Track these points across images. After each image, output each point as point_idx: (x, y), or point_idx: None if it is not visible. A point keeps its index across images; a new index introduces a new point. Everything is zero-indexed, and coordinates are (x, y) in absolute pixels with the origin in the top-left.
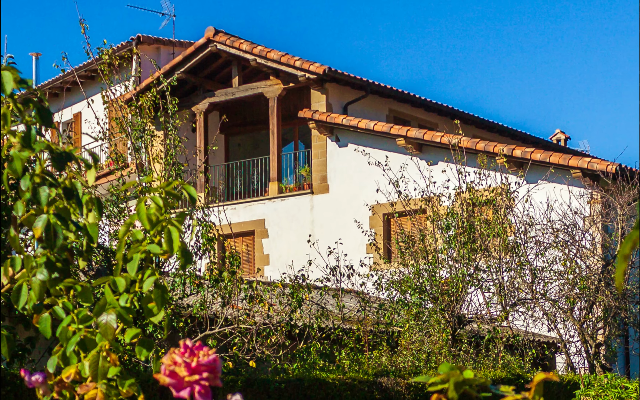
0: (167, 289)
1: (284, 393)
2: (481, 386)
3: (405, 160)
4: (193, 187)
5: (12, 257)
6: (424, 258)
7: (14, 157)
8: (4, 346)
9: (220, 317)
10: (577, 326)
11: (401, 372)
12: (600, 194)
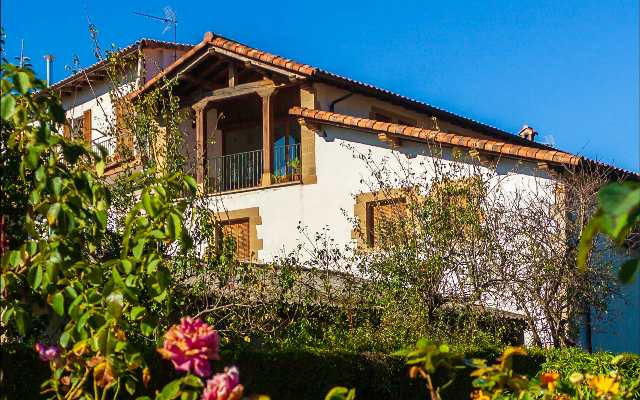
0: (169, 271)
1: (276, 366)
2: (456, 359)
3: (386, 153)
4: (193, 178)
5: (28, 241)
6: (403, 243)
7: (29, 150)
8: (20, 323)
9: (218, 296)
10: (543, 305)
11: (383, 346)
12: (564, 184)
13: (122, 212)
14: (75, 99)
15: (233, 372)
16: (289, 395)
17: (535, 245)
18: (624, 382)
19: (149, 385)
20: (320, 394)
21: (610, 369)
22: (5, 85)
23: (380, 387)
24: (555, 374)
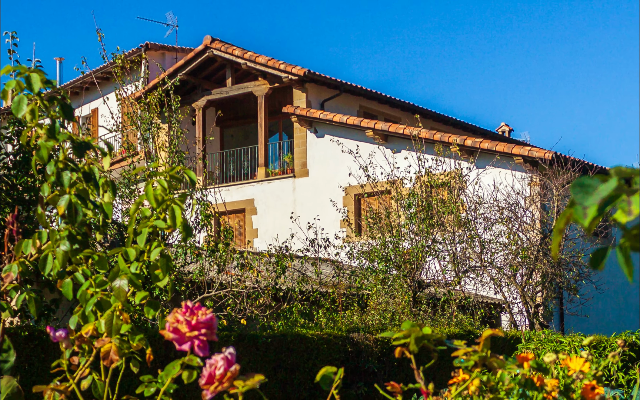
0: (171, 258)
1: (270, 346)
2: (438, 340)
3: (373, 149)
4: (193, 171)
5: (40, 230)
6: (389, 232)
7: (41, 146)
8: (32, 307)
9: (216, 282)
10: (519, 290)
11: (370, 328)
12: (539, 177)
13: (127, 204)
14: (83, 98)
15: (230, 353)
16: (282, 374)
17: (511, 234)
18: (594, 362)
19: (152, 365)
20: (312, 372)
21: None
22: (18, 85)
23: (368, 366)
24: (531, 354)
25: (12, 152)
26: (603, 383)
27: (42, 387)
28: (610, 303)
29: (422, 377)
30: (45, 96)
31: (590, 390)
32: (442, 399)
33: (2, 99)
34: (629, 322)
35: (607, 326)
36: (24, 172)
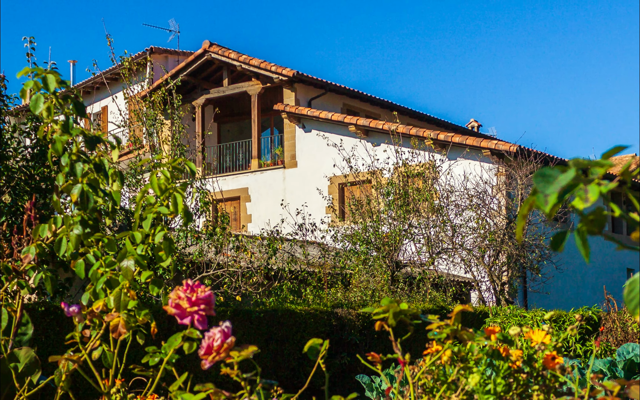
0: (173, 241)
1: (263, 321)
2: (413, 315)
3: (355, 142)
4: (193, 163)
5: (55, 216)
6: (369, 217)
7: (56, 140)
8: (48, 285)
9: (214, 262)
10: (486, 269)
11: (352, 304)
12: (505, 168)
13: (134, 192)
14: (94, 96)
15: (226, 326)
16: (273, 346)
17: (480, 219)
18: (555, 335)
19: (156, 337)
20: (300, 344)
21: (543, 324)
22: (36, 85)
23: (350, 339)
24: (497, 327)
25: (30, 146)
26: (562, 353)
27: (57, 357)
28: (568, 281)
29: (400, 348)
30: (60, 95)
31: (551, 360)
32: (418, 368)
33: (21, 98)
34: (585, 298)
35: (566, 302)
36: (40, 164)
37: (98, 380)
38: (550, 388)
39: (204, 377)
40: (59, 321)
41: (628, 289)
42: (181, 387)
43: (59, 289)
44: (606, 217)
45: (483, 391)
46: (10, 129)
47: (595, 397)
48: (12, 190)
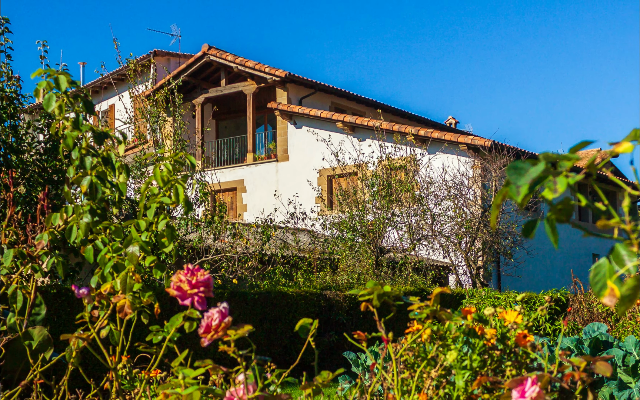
0: (174, 229)
1: (257, 302)
2: (396, 297)
3: (342, 138)
4: (193, 157)
5: (66, 206)
6: (355, 207)
7: (67, 135)
8: (60, 268)
9: (212, 248)
10: (463, 255)
11: (340, 287)
12: (480, 161)
13: (138, 183)
14: (102, 95)
15: (224, 307)
16: (267, 325)
17: (457, 208)
18: (526, 315)
19: (159, 317)
20: (292, 323)
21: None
22: (48, 85)
23: (338, 318)
24: (473, 308)
25: (43, 141)
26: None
27: (68, 335)
28: (539, 266)
29: (383, 327)
30: (71, 94)
31: (522, 338)
32: (400, 346)
33: (35, 96)
34: (554, 281)
35: (536, 285)
36: (53, 157)
37: (106, 356)
38: (522, 364)
39: (203, 353)
40: (70, 302)
41: (594, 273)
42: (182, 363)
43: (69, 272)
44: (573, 206)
45: (460, 367)
46: (25, 126)
47: (563, 372)
48: (26, 182)
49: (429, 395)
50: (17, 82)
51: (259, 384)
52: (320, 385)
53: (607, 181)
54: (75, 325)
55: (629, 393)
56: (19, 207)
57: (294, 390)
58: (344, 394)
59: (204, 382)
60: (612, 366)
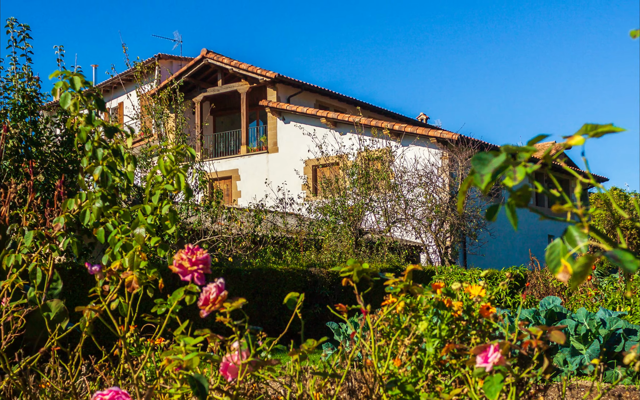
0: (176, 213)
1: (250, 277)
2: (373, 273)
3: (326, 132)
4: (193, 148)
5: (80, 192)
6: (337, 193)
7: (81, 129)
8: (74, 248)
9: (210, 230)
10: (433, 236)
11: (323, 264)
12: (448, 152)
13: (144, 172)
14: (112, 94)
15: (220, 282)
16: (259, 298)
17: (428, 195)
18: (489, 289)
19: (163, 291)
20: (281, 297)
21: (479, 280)
22: (65, 85)
23: (322, 292)
24: (442, 283)
25: (60, 134)
26: (495, 304)
27: (82, 307)
28: (500, 245)
29: (362, 300)
30: (84, 93)
31: (485, 309)
32: (377, 317)
33: (52, 95)
34: (514, 259)
35: (498, 263)
36: (68, 149)
37: (115, 326)
38: (485, 332)
39: (202, 324)
40: (84, 278)
41: (549, 252)
42: (183, 332)
43: (83, 251)
44: (531, 193)
45: (430, 335)
46: (43, 121)
47: (522, 340)
48: (45, 171)
49: (403, 361)
50: (37, 82)
51: (252, 350)
52: (306, 351)
53: (561, 170)
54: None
55: (580, 358)
56: (38, 193)
57: (282, 356)
58: (327, 360)
59: (203, 349)
60: (565, 335)
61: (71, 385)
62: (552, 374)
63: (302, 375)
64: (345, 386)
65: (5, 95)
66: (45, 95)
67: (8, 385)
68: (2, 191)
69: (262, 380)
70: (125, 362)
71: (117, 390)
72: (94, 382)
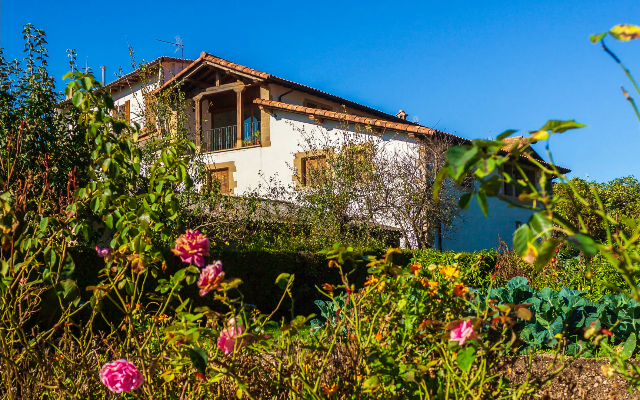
0: (178, 201)
1: (245, 260)
2: (357, 256)
3: (314, 127)
4: (193, 143)
5: (91, 182)
6: (324, 183)
7: (91, 125)
8: (85, 233)
9: (209, 216)
10: (411, 222)
11: (311, 247)
12: (425, 146)
13: (149, 164)
14: (120, 93)
15: (218, 264)
16: (253, 278)
17: (406, 185)
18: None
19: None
20: (273, 277)
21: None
22: (77, 85)
23: (310, 273)
24: (419, 265)
25: (72, 130)
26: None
27: (92, 286)
28: (472, 231)
29: (347, 280)
30: (94, 92)
31: (459, 289)
32: (360, 295)
33: (65, 94)
34: (485, 243)
35: (470, 246)
36: (80, 143)
37: (123, 304)
38: (458, 310)
39: (201, 302)
40: (94, 260)
41: (516, 236)
42: (184, 309)
43: (93, 236)
44: (500, 183)
45: (409, 312)
46: (57, 118)
47: (492, 316)
48: (58, 163)
49: (384, 336)
50: (51, 82)
51: (246, 326)
52: (295, 327)
53: (527, 163)
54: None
55: (544, 333)
56: (52, 183)
57: (274, 331)
58: (315, 335)
59: (202, 325)
60: (531, 312)
61: (82, 358)
62: (519, 348)
63: (292, 348)
64: (332, 358)
65: (23, 95)
66: (59, 94)
67: (25, 358)
68: (20, 181)
69: (256, 353)
70: (131, 337)
71: (124, 362)
72: (103, 355)
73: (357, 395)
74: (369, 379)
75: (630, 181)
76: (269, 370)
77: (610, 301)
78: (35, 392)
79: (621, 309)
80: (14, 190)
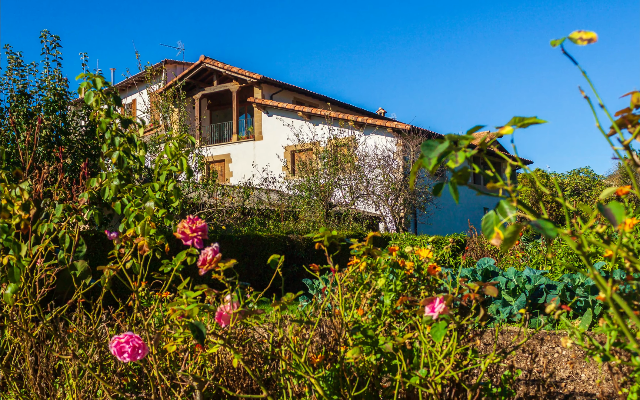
0: (180, 189)
1: (240, 242)
2: (341, 239)
3: (302, 123)
4: (193, 137)
5: (101, 172)
6: (311, 173)
7: (101, 121)
8: (96, 218)
9: (207, 203)
10: (390, 208)
11: (300, 231)
12: (402, 140)
13: (153, 156)
14: (127, 92)
15: (215, 246)
16: (247, 259)
17: (385, 175)
18: (435, 252)
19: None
20: (265, 258)
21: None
22: (88, 85)
23: (298, 255)
24: (397, 247)
25: (84, 125)
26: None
27: (102, 267)
28: (445, 216)
29: (332, 261)
30: (104, 91)
31: (432, 268)
32: (344, 274)
33: (78, 93)
34: (456, 228)
35: (443, 230)
36: (91, 137)
37: (130, 282)
38: (432, 287)
39: (201, 280)
40: (103, 243)
41: (484, 221)
42: (185, 287)
43: (103, 221)
44: (470, 173)
45: (387, 289)
46: (71, 114)
47: (462, 293)
48: (72, 155)
49: (365, 311)
50: (65, 83)
51: (241, 302)
52: (285, 303)
53: (494, 155)
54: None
55: (510, 309)
56: (66, 173)
57: (266, 307)
58: (303, 310)
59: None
60: (497, 289)
61: (93, 331)
62: (486, 322)
63: (282, 322)
64: (318, 331)
65: (40, 94)
66: (72, 93)
67: (42, 331)
68: (37, 172)
69: (250, 327)
70: (137, 312)
71: (131, 335)
72: (112, 328)
73: (341, 364)
74: (352, 350)
75: (586, 172)
76: (261, 342)
77: (569, 280)
78: (51, 361)
79: (579, 287)
80: (32, 179)
